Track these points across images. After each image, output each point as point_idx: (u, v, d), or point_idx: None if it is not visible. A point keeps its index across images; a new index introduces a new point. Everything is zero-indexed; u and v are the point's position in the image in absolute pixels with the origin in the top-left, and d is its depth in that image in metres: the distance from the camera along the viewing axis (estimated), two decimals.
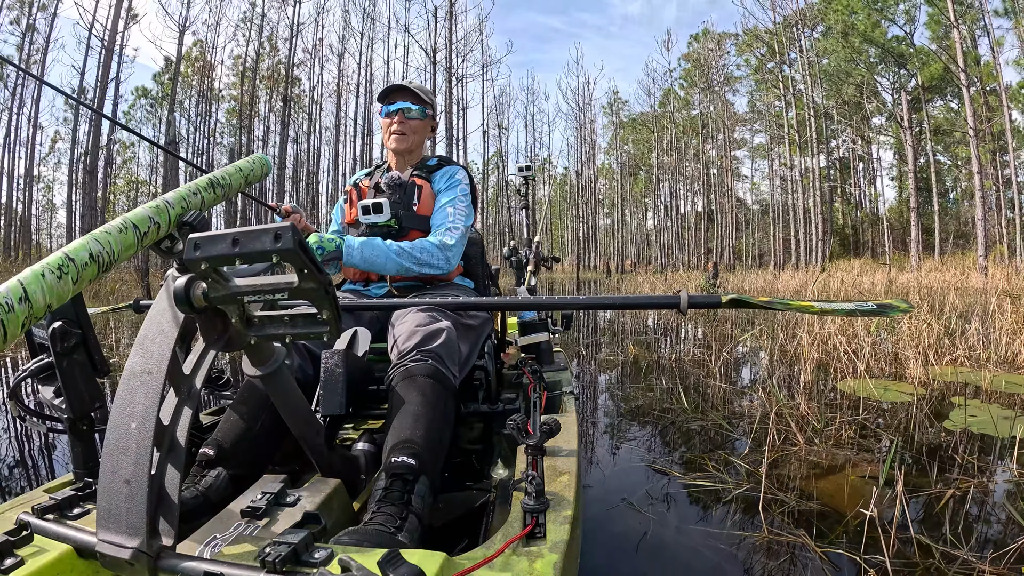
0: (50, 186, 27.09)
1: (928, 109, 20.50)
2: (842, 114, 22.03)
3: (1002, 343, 3.64)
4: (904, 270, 14.17)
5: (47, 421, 0.92)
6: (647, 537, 1.40)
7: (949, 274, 11.97)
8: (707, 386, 3.13)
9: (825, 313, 1.08)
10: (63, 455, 2.05)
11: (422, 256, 1.42)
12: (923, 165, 20.89)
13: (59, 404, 0.87)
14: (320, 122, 23.83)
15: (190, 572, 0.57)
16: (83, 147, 18.15)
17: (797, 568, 1.25)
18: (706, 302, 1.04)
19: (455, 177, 1.60)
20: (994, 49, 14.91)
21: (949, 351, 3.54)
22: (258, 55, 20.29)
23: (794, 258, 21.34)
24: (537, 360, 1.73)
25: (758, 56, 23.84)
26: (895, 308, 1.10)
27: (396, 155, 1.62)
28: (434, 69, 18.13)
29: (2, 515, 0.77)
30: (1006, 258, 13.95)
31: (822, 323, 4.24)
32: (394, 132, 1.58)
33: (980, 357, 3.38)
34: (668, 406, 2.68)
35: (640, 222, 37.42)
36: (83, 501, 0.79)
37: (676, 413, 2.54)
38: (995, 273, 10.77)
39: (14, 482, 1.82)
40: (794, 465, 1.86)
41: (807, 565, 1.25)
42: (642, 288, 13.13)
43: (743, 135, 30.02)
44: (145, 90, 23.39)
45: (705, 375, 3.42)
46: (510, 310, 2.08)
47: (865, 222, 25.70)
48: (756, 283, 12.61)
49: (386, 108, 1.59)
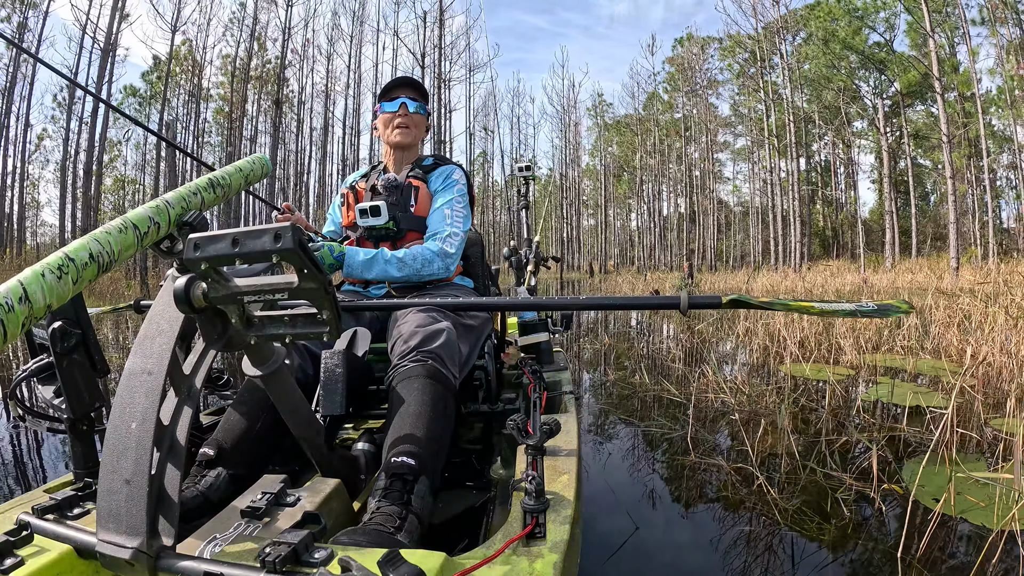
0: (35, 184, 26.90)
1: (908, 114, 20.88)
2: (823, 118, 22.44)
3: (934, 335, 4.12)
4: (879, 271, 14.90)
5: (47, 421, 0.92)
6: (610, 458, 2.03)
7: (922, 275, 12.73)
8: (670, 368, 3.71)
9: (825, 314, 1.08)
10: (63, 455, 2.05)
11: (423, 269, 1.44)
12: (903, 168, 21.22)
13: (59, 404, 0.87)
14: (309, 123, 23.86)
15: (190, 572, 0.57)
16: (73, 146, 18.07)
17: (713, 478, 1.80)
18: (706, 302, 1.03)
19: (452, 177, 1.58)
20: (972, 56, 15.24)
21: (888, 341, 4.08)
22: (249, 55, 20.21)
23: (773, 259, 21.76)
24: (537, 360, 1.73)
25: (740, 62, 24.28)
26: (896, 309, 1.09)
27: (396, 150, 1.61)
28: (422, 73, 18.27)
29: (2, 515, 0.77)
30: (979, 259, 14.37)
31: (772, 316, 4.73)
32: (398, 126, 1.57)
33: (914, 347, 3.84)
34: (632, 380, 3.26)
35: (624, 223, 37.68)
36: (83, 501, 0.79)
37: (638, 386, 3.15)
38: (965, 274, 11.17)
39: (14, 482, 1.82)
40: (722, 419, 2.45)
41: (721, 477, 1.80)
42: (622, 287, 14.22)
43: (725, 138, 30.48)
44: (134, 89, 23.26)
45: (670, 360, 4.02)
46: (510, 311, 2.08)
47: (845, 224, 26.01)
48: (731, 283, 13.46)
49: (386, 105, 1.58)
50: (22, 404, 0.91)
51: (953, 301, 5.00)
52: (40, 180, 27.26)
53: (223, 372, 1.38)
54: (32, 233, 28.50)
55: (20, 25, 16.87)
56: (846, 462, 1.88)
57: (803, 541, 1.37)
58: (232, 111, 20.11)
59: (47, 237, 28.67)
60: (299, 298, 0.58)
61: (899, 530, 1.40)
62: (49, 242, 27.24)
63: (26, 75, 17.57)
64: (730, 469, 1.84)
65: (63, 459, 2.01)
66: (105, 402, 0.91)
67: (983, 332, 3.58)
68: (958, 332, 3.93)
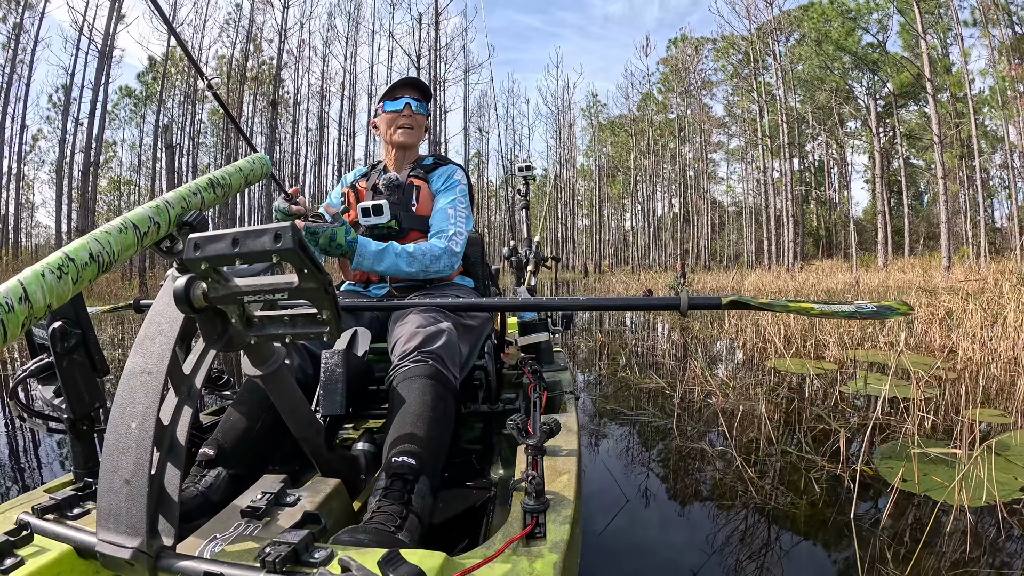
0: (30, 184, 26.72)
1: (902, 114, 21.00)
2: (816, 119, 22.63)
3: (917, 331, 4.32)
4: (871, 270, 15.23)
5: (47, 421, 0.92)
6: (604, 440, 2.26)
7: (913, 274, 12.99)
8: (661, 364, 3.88)
9: (824, 315, 1.08)
10: (63, 455, 2.05)
11: (431, 265, 1.44)
12: (897, 169, 21.43)
13: (59, 404, 0.87)
14: (305, 123, 23.84)
15: (190, 572, 0.57)
16: (70, 147, 17.90)
17: (696, 459, 1.97)
18: (706, 303, 1.03)
19: (453, 177, 1.59)
20: (964, 58, 15.34)
21: (871, 337, 4.23)
22: (246, 56, 20.14)
23: (766, 258, 22.08)
24: (537, 360, 1.73)
25: (733, 64, 24.44)
26: (894, 311, 1.09)
27: (398, 149, 1.61)
28: (418, 74, 18.38)
29: (2, 515, 0.77)
30: (971, 258, 14.59)
31: (762, 313, 4.85)
32: (402, 126, 1.57)
33: (895, 342, 3.95)
34: (623, 374, 3.42)
35: (619, 223, 37.85)
36: (83, 501, 0.79)
37: (629, 379, 3.32)
38: (957, 272, 11.39)
39: (14, 482, 1.82)
40: (707, 410, 2.61)
41: (705, 458, 1.97)
42: (616, 287, 14.67)
43: (720, 138, 30.66)
44: (129, 90, 23.12)
45: (661, 356, 4.24)
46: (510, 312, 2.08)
47: (838, 224, 26.16)
48: (724, 282, 13.95)
49: (389, 105, 1.59)
50: (22, 404, 0.91)
51: (936, 299, 5.27)
52: (35, 181, 27.12)
53: (223, 372, 1.38)
54: (27, 235, 28.35)
55: (16, 26, 16.85)
56: (820, 446, 2.03)
57: (778, 513, 1.54)
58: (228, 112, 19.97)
59: (41, 239, 28.54)
60: (299, 298, 0.58)
61: (867, 505, 1.57)
62: (44, 243, 27.11)
63: (21, 76, 17.54)
64: (712, 454, 2.00)
65: (62, 459, 2.01)
66: (105, 402, 0.91)
67: (963, 328, 3.72)
68: (940, 329, 4.08)
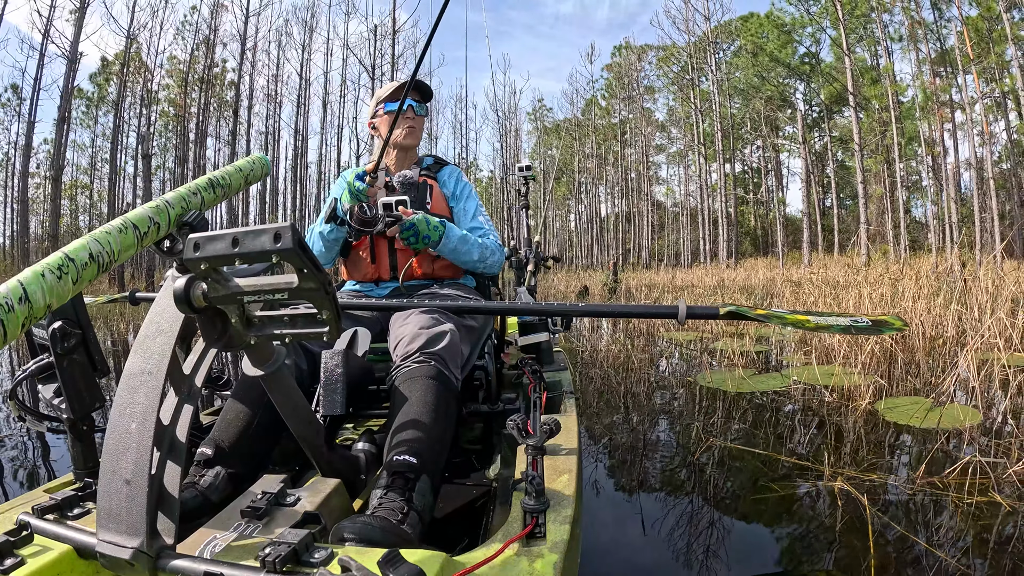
0: None
1: (836, 119, 22.65)
2: (754, 125, 23.80)
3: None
4: (797, 267, 16.73)
5: (47, 421, 0.92)
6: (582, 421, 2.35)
7: (835, 270, 13.24)
8: (639, 360, 4.13)
9: (820, 329, 1.08)
10: (63, 455, 2.05)
11: (489, 259, 1.52)
12: (834, 169, 22.90)
13: (59, 404, 0.87)
14: (266, 126, 23.61)
15: (190, 572, 0.57)
16: (19, 148, 17.18)
17: (662, 443, 2.18)
18: (704, 313, 1.03)
19: (462, 180, 1.65)
20: (889, 73, 17.12)
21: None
22: (209, 65, 19.80)
23: (702, 257, 23.20)
24: (537, 360, 1.73)
25: (673, 72, 25.66)
26: (890, 326, 1.10)
27: (400, 150, 1.63)
28: (372, 84, 18.69)
29: (2, 515, 0.77)
30: (889, 255, 15.68)
31: None
32: (408, 127, 1.60)
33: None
34: (596, 373, 3.66)
35: (563, 223, 38.25)
36: (83, 501, 0.79)
37: (604, 374, 3.60)
38: (878, 267, 12.01)
39: (14, 482, 1.82)
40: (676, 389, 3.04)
41: (673, 444, 2.16)
42: (558, 286, 15.25)
43: (661, 141, 31.37)
44: (81, 91, 22.59)
45: (638, 355, 4.49)
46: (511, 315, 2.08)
47: (774, 224, 26.82)
48: (655, 280, 14.88)
49: (390, 105, 1.59)
50: (22, 404, 0.91)
51: (800, 289, 6.45)
52: None
53: (223, 372, 1.38)
54: None
55: None
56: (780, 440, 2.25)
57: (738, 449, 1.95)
58: (186, 117, 19.62)
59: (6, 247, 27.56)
60: (299, 298, 0.58)
61: None
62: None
63: None
64: (680, 425, 2.40)
65: (62, 459, 2.01)
66: (105, 402, 0.91)
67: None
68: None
